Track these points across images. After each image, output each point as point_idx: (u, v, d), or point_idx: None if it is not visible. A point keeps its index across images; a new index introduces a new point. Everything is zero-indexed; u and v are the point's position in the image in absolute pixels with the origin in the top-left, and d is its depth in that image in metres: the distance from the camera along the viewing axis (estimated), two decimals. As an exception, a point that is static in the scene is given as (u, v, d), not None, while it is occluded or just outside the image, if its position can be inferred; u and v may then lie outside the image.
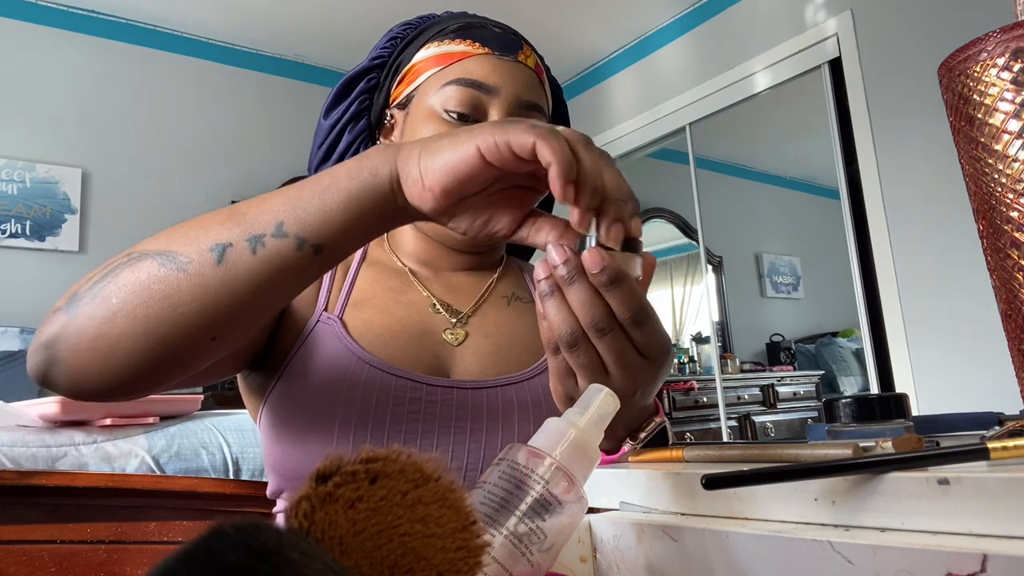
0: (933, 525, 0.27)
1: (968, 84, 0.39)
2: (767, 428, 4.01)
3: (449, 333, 0.76)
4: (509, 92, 0.74)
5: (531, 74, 0.78)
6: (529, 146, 0.43)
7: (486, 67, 0.75)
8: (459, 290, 0.81)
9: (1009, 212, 0.38)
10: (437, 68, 0.77)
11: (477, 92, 0.74)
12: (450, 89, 0.74)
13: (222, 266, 0.48)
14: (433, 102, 0.75)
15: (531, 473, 0.33)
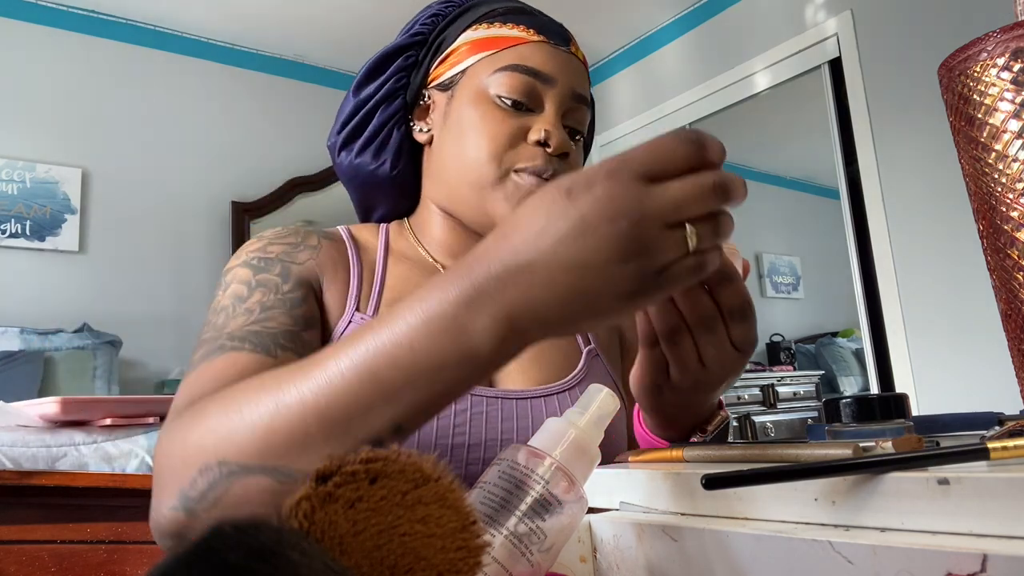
0: (933, 525, 0.27)
1: (968, 84, 0.39)
2: (767, 428, 4.01)
3: None
4: (565, 83, 0.73)
5: (582, 66, 0.77)
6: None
7: (542, 55, 0.73)
8: None
9: (1009, 212, 0.38)
10: (488, 52, 0.73)
11: (533, 80, 0.71)
12: (505, 75, 0.71)
13: None
14: (484, 87, 0.72)
15: (531, 473, 0.33)
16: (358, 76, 0.79)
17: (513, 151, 0.70)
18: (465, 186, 0.72)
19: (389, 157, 0.78)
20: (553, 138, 0.70)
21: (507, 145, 0.70)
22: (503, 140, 0.70)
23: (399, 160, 0.78)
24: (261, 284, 0.65)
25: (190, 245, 3.56)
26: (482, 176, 0.70)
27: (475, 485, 0.34)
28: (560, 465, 0.34)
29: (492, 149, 0.70)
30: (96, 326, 3.12)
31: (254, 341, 0.58)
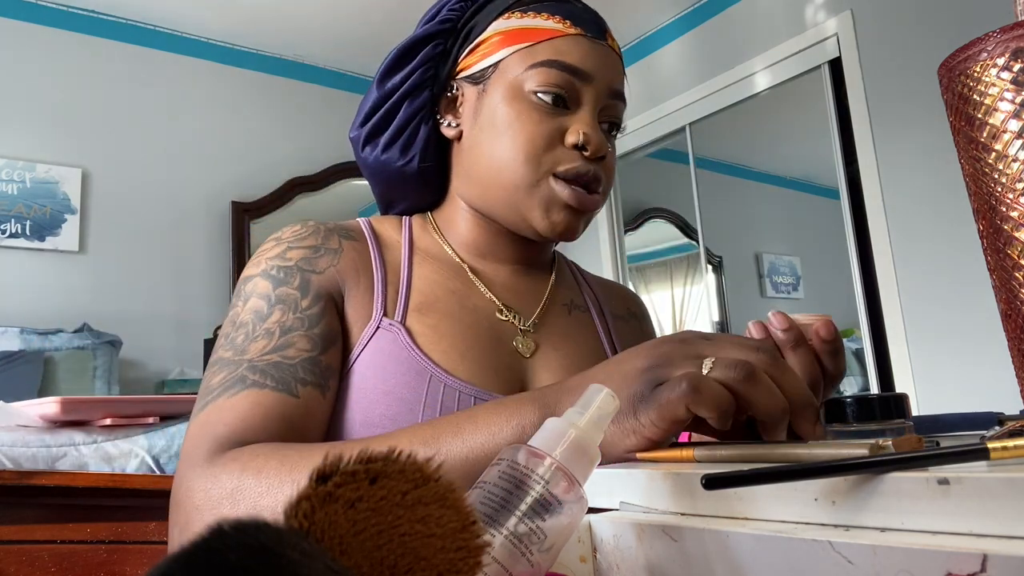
0: (933, 525, 0.27)
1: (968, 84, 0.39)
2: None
3: (520, 343, 0.70)
4: (603, 80, 0.70)
5: (618, 60, 0.74)
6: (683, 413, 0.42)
7: (581, 50, 0.69)
8: (521, 292, 0.75)
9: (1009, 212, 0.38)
10: (523, 44, 0.70)
11: (571, 78, 0.68)
12: (543, 72, 0.68)
13: None
14: (519, 82, 0.69)
15: (531, 473, 0.33)
16: (382, 66, 0.75)
17: (550, 154, 0.67)
18: (498, 187, 0.70)
19: (417, 153, 0.74)
20: (592, 142, 0.67)
21: (544, 147, 0.67)
22: (540, 142, 0.67)
23: (427, 156, 0.75)
24: (281, 300, 0.63)
25: (190, 245, 3.56)
26: (517, 178, 0.68)
27: (475, 485, 0.34)
28: (560, 465, 0.34)
29: (529, 151, 0.67)
30: (96, 326, 3.12)
31: (276, 377, 0.58)
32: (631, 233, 4.31)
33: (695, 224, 3.76)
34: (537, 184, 0.68)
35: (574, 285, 0.82)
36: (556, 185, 0.67)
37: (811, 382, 0.52)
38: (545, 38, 0.69)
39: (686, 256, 4.53)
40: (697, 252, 3.85)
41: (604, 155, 0.69)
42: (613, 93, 0.71)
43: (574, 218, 0.69)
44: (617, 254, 4.08)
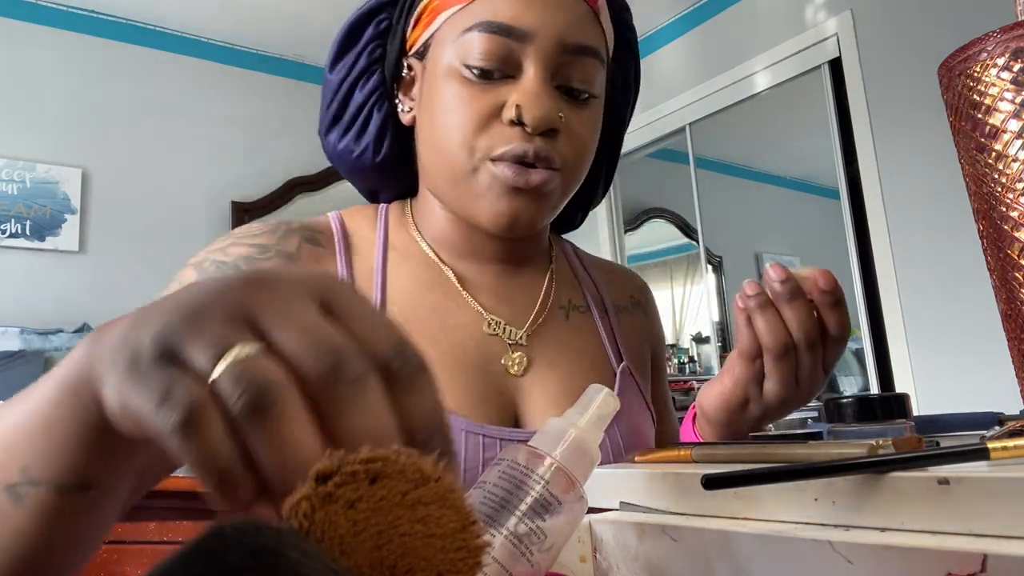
0: (933, 525, 0.27)
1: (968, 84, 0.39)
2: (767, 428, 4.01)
3: (509, 360, 0.63)
4: (549, 35, 0.57)
5: (579, 4, 0.60)
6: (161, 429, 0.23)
7: (517, 3, 0.58)
8: (513, 299, 0.67)
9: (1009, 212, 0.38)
10: (457, 7, 0.60)
11: (506, 40, 0.57)
12: (471, 37, 0.58)
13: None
14: (451, 55, 0.59)
15: (531, 473, 0.33)
16: (331, 50, 0.68)
17: (486, 134, 0.58)
18: (442, 179, 0.62)
19: (370, 142, 0.67)
20: (528, 112, 0.57)
21: (478, 128, 0.58)
22: (473, 123, 0.58)
23: (382, 144, 0.67)
24: None
25: (190, 245, 3.55)
26: (455, 167, 0.59)
27: (475, 485, 0.34)
28: (560, 465, 0.34)
29: (462, 135, 0.58)
30: (96, 326, 3.12)
31: None
32: (631, 233, 4.31)
33: (695, 224, 3.76)
34: (475, 172, 0.59)
35: (572, 279, 0.73)
36: (494, 168, 0.58)
37: (809, 340, 0.50)
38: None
39: (686, 256, 4.53)
40: (697, 252, 3.85)
41: (552, 127, 0.58)
42: (568, 48, 0.59)
43: (523, 203, 0.59)
44: (617, 254, 4.07)
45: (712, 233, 3.91)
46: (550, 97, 0.58)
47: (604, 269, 0.79)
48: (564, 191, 0.62)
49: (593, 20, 0.61)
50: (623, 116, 0.73)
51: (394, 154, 0.68)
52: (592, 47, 0.60)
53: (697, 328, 4.55)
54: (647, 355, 0.76)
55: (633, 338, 0.74)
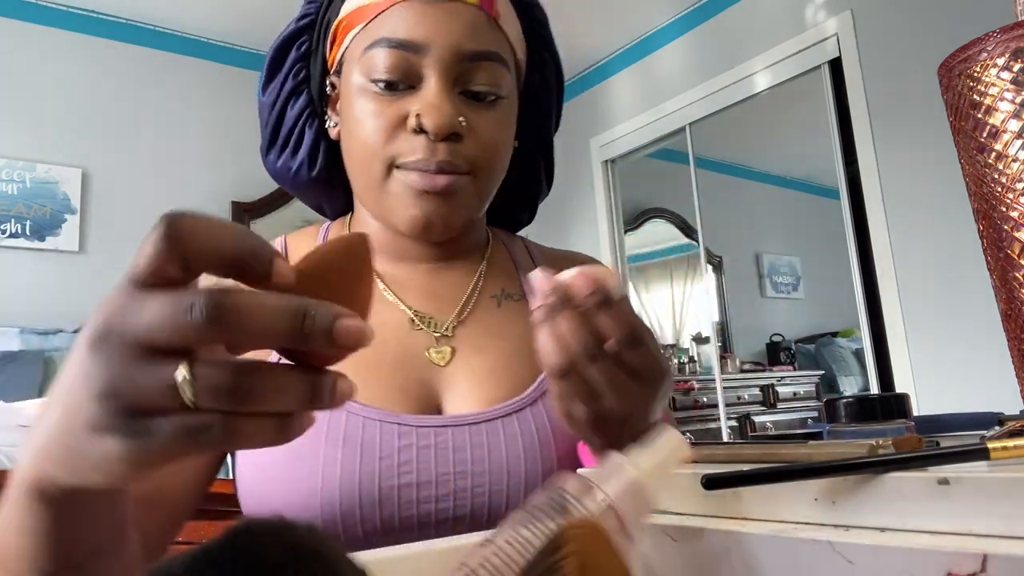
0: (933, 525, 0.27)
1: (968, 84, 0.39)
2: (767, 428, 4.01)
3: (434, 351, 0.65)
4: (443, 46, 0.60)
5: (474, 13, 0.62)
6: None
7: (411, 18, 0.60)
8: (441, 294, 0.69)
9: (1009, 212, 0.38)
10: (360, 26, 0.63)
11: (404, 53, 0.60)
12: (373, 53, 0.61)
13: None
14: (359, 71, 0.62)
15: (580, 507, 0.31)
16: (260, 75, 0.71)
17: (393, 144, 0.61)
18: (361, 187, 0.65)
19: (304, 158, 0.70)
20: (428, 121, 0.59)
21: (385, 139, 0.61)
22: (380, 134, 0.61)
23: (315, 160, 0.70)
24: None
25: (190, 245, 3.55)
26: (369, 176, 0.63)
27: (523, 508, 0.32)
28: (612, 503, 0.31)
29: (372, 145, 0.61)
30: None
31: None
32: (631, 233, 4.31)
33: (695, 224, 3.76)
34: (386, 180, 0.62)
35: (511, 270, 0.74)
36: (402, 175, 0.61)
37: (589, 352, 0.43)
38: (377, 13, 0.62)
39: (686, 256, 4.53)
40: (697, 252, 3.85)
41: (453, 132, 0.60)
42: (466, 56, 0.61)
43: (434, 206, 0.61)
44: (617, 254, 4.08)
45: (712, 233, 3.92)
46: (449, 104, 0.60)
47: (558, 259, 0.78)
48: (478, 191, 0.65)
49: (491, 26, 0.63)
50: (548, 111, 0.75)
51: (329, 168, 0.71)
52: (490, 51, 0.63)
53: (697, 328, 4.55)
54: None
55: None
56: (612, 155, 4.08)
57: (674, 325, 4.65)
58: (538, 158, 0.77)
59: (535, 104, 0.74)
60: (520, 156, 0.74)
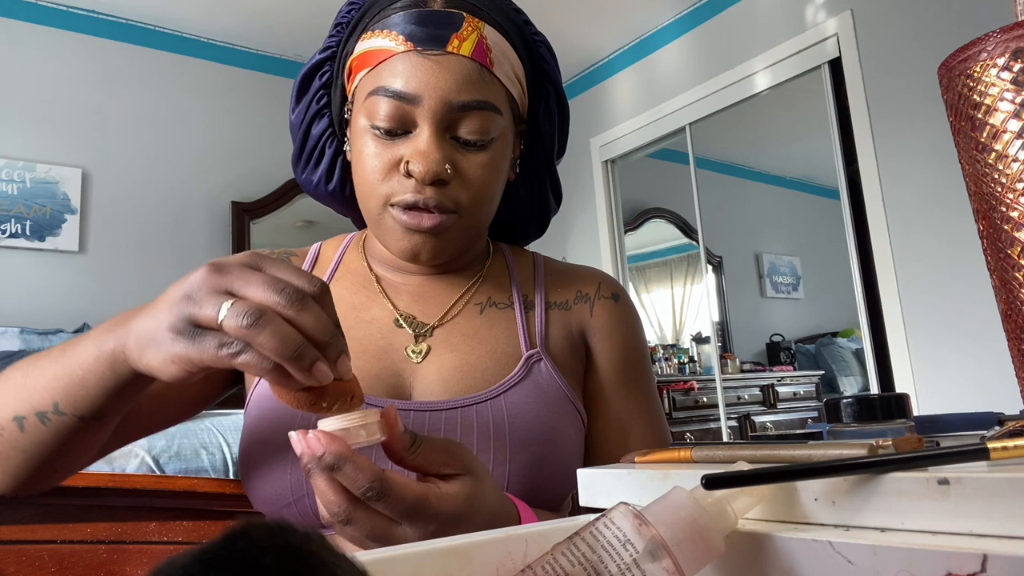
0: (933, 525, 0.27)
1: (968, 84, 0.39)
2: (767, 428, 4.01)
3: (411, 348, 0.71)
4: (434, 97, 0.65)
5: (466, 65, 0.66)
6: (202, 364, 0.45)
7: (406, 71, 0.66)
8: (429, 299, 0.75)
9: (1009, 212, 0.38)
10: (366, 70, 0.69)
11: (399, 103, 0.66)
12: (374, 100, 0.67)
13: (25, 434, 0.56)
14: (362, 113, 0.69)
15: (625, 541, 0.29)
16: (291, 97, 0.79)
17: (387, 184, 0.67)
18: (364, 215, 0.72)
19: (323, 173, 0.78)
20: (417, 166, 0.65)
21: (382, 178, 0.68)
22: (378, 174, 0.68)
23: (332, 175, 0.78)
24: None
25: (190, 245, 3.56)
26: (368, 208, 0.70)
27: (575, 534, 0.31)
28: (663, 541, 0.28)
29: (370, 183, 0.68)
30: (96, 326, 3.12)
31: None
32: (631, 233, 4.31)
33: (695, 224, 3.76)
34: (381, 214, 0.69)
35: (505, 282, 0.78)
36: (394, 212, 0.68)
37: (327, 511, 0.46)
38: (381, 60, 0.67)
39: (686, 256, 4.53)
40: (697, 252, 3.85)
41: (439, 179, 0.66)
42: (455, 106, 0.66)
43: (422, 241, 0.68)
44: (617, 254, 4.08)
45: (712, 233, 3.92)
46: (438, 152, 0.66)
47: (560, 274, 0.81)
48: (467, 226, 0.70)
49: (482, 76, 0.68)
50: (551, 139, 0.80)
51: (344, 183, 0.78)
52: (481, 101, 0.67)
53: (697, 328, 4.55)
54: (578, 349, 0.76)
55: (560, 331, 0.75)
56: (612, 155, 4.08)
57: (674, 325, 4.65)
58: (544, 179, 0.82)
59: (538, 130, 0.79)
60: (525, 178, 0.80)
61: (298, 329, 0.43)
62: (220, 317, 0.43)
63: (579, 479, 0.44)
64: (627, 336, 0.78)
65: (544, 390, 0.69)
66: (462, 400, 0.67)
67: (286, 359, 0.43)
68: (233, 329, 0.43)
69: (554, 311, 0.77)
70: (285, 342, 0.42)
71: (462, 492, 0.48)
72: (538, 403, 0.68)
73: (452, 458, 0.49)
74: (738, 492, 0.31)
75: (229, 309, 0.43)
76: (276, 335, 0.42)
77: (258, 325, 0.42)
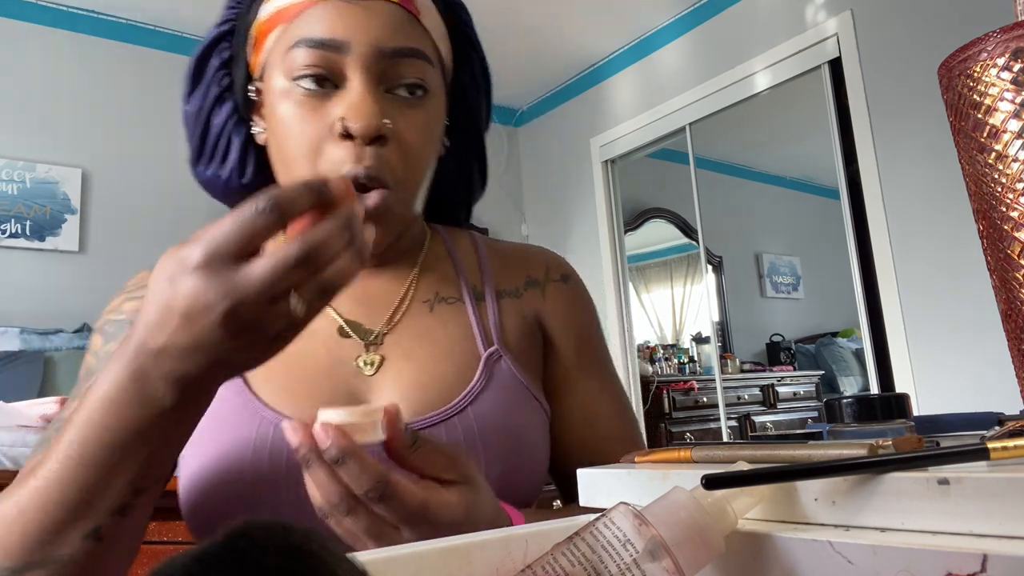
0: (933, 525, 0.27)
1: (968, 84, 0.39)
2: (767, 428, 4.01)
3: (363, 360, 0.64)
4: (363, 43, 0.59)
5: (394, 9, 0.61)
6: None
7: (329, 17, 0.59)
8: (373, 300, 0.68)
9: (1009, 212, 0.38)
10: (281, 27, 0.62)
11: (325, 52, 0.59)
12: (294, 54, 0.60)
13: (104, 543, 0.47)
14: (281, 74, 0.61)
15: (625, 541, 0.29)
16: (184, 85, 0.70)
17: (322, 157, 0.60)
18: None
19: (234, 167, 0.69)
20: (353, 123, 0.58)
21: (314, 150, 0.60)
22: (310, 142, 0.60)
23: (244, 167, 0.69)
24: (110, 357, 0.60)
25: (190, 245, 3.56)
26: None
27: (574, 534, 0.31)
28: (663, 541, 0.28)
29: (300, 157, 0.60)
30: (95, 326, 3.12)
31: None
32: (631, 233, 4.32)
33: (695, 224, 3.76)
34: None
35: (449, 272, 0.72)
36: None
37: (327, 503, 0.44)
38: (297, 13, 0.61)
39: (686, 256, 4.53)
40: (697, 252, 3.85)
41: (379, 134, 0.59)
42: (387, 53, 0.60)
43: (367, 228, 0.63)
44: (617, 254, 4.08)
45: (712, 233, 3.92)
46: (375, 103, 0.59)
47: (503, 256, 0.76)
48: (406, 203, 0.63)
49: (412, 23, 0.63)
50: (478, 111, 0.74)
51: (260, 175, 0.69)
52: (413, 48, 0.62)
53: (697, 328, 4.56)
54: (535, 337, 0.72)
55: (514, 321, 0.71)
56: (612, 155, 4.08)
57: (674, 325, 4.65)
58: (471, 157, 0.76)
59: (464, 102, 0.73)
60: (454, 152, 0.73)
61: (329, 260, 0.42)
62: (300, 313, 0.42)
63: (579, 479, 0.44)
64: (583, 317, 0.76)
65: (508, 390, 0.66)
66: (428, 418, 0.61)
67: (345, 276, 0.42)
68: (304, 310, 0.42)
69: (506, 300, 0.72)
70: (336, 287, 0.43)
71: (462, 502, 0.47)
72: (505, 406, 0.64)
73: (452, 463, 0.48)
74: (738, 492, 0.31)
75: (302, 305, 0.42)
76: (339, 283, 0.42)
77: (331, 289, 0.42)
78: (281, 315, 0.41)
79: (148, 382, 0.43)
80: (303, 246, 0.41)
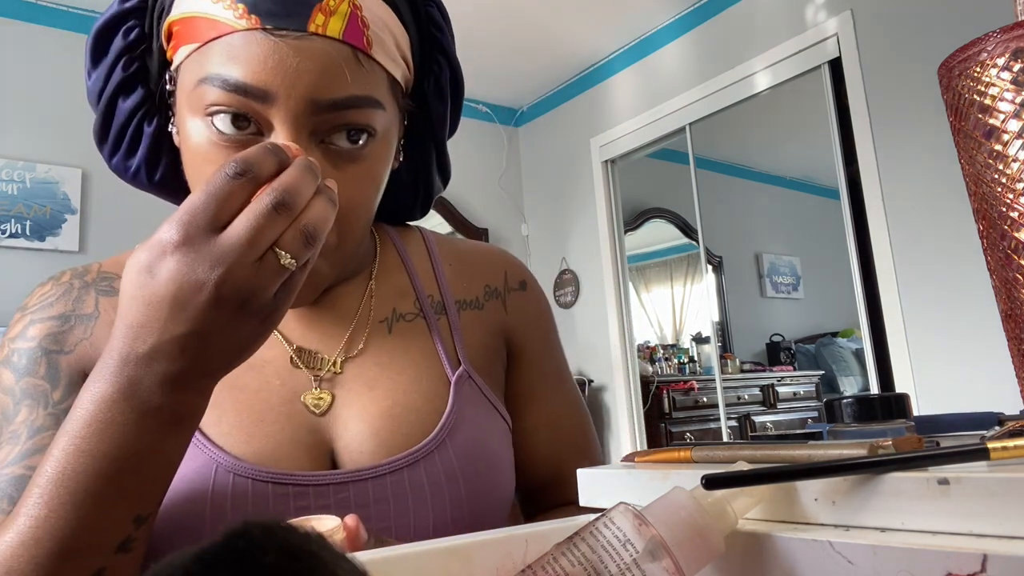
0: (933, 525, 0.27)
1: (968, 84, 0.39)
2: (767, 428, 4.01)
3: (310, 397, 0.58)
4: (294, 96, 0.49)
5: (336, 50, 0.50)
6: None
7: (252, 55, 0.49)
8: (325, 322, 0.62)
9: (1009, 212, 0.38)
10: (193, 45, 0.51)
11: (244, 99, 0.49)
12: (207, 91, 0.50)
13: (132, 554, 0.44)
14: (193, 102, 0.51)
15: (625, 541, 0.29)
16: (85, 58, 0.59)
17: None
18: None
19: (143, 161, 0.60)
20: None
21: None
22: None
23: (157, 163, 0.61)
24: (27, 395, 0.54)
25: (190, 245, 3.55)
26: None
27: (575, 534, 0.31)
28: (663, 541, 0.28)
29: None
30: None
31: (15, 498, 0.50)
32: (631, 233, 4.31)
33: (695, 224, 3.76)
34: None
35: (403, 283, 0.67)
36: None
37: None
38: (214, 36, 0.50)
39: (686, 256, 4.53)
40: (697, 252, 3.85)
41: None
42: (323, 106, 0.50)
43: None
44: (617, 254, 4.07)
45: (712, 233, 3.92)
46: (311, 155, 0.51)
47: (461, 257, 0.72)
48: (342, 254, 0.57)
49: (358, 63, 0.52)
50: (442, 119, 0.66)
51: (176, 173, 0.61)
52: (355, 97, 0.52)
53: (697, 328, 4.56)
54: (499, 351, 0.69)
55: (477, 336, 0.67)
56: (612, 155, 4.08)
57: (674, 325, 4.65)
58: (430, 161, 0.69)
59: (426, 111, 0.65)
60: (410, 163, 0.68)
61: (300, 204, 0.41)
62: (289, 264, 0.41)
63: (579, 479, 0.44)
64: (543, 324, 0.73)
65: (479, 411, 0.62)
66: (404, 457, 0.56)
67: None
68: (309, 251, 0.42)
69: (467, 312, 0.67)
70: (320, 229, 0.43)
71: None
72: (479, 433, 0.61)
73: None
74: (738, 492, 0.31)
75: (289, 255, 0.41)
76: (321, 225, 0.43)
77: (316, 233, 0.42)
78: (272, 272, 0.41)
79: (141, 392, 0.40)
80: (274, 192, 0.40)
